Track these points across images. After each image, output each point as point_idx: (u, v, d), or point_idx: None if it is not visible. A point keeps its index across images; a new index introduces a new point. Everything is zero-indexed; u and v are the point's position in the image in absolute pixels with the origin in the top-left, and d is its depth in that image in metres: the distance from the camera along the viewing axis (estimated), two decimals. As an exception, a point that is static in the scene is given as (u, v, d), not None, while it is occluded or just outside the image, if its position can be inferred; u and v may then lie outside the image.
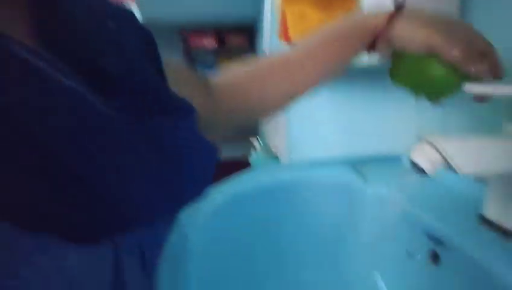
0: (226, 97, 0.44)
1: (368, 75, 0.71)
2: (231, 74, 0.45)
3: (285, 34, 0.94)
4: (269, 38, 1.73)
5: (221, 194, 0.43)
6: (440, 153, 0.27)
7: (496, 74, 0.33)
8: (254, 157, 1.96)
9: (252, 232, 0.43)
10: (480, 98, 0.32)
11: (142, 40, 0.35)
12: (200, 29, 2.80)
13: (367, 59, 0.50)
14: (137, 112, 0.27)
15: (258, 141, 2.10)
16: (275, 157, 1.93)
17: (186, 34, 2.83)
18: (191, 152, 0.32)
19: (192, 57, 3.14)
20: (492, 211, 0.32)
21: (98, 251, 0.25)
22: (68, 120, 0.22)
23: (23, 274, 0.20)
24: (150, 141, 0.27)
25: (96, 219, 0.24)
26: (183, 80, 0.41)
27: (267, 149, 2.04)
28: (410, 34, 0.35)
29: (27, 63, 0.21)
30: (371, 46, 0.39)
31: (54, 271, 0.22)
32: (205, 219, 0.37)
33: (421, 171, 0.28)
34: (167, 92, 0.34)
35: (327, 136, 1.04)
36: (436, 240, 0.34)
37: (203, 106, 0.42)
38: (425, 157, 0.26)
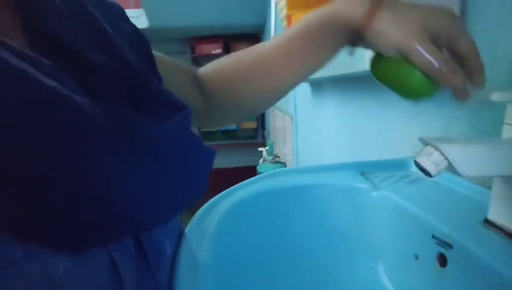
0: (215, 91, 0.43)
1: (373, 81, 0.72)
2: (219, 68, 0.44)
3: (291, 41, 0.96)
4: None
5: (229, 199, 0.44)
6: (444, 156, 0.27)
7: (475, 82, 0.31)
8: (262, 166, 1.96)
9: (261, 235, 0.44)
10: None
11: (133, 38, 0.33)
12: (207, 37, 2.84)
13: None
14: (126, 109, 0.25)
15: (266, 150, 2.12)
16: (283, 166, 1.94)
17: (193, 41, 2.87)
18: (185, 154, 0.30)
19: (199, 63, 3.17)
20: (496, 214, 0.33)
21: (92, 258, 0.24)
22: (51, 122, 0.21)
23: (12, 283, 0.20)
24: (140, 142, 0.25)
25: (87, 226, 0.23)
26: (171, 72, 0.40)
27: (274, 158, 2.06)
28: (384, 36, 0.31)
29: (7, 64, 0.20)
30: (353, 41, 0.35)
31: (44, 280, 0.21)
32: (214, 225, 0.38)
33: (425, 173, 0.28)
34: (159, 89, 0.32)
35: (333, 144, 1.05)
36: (443, 243, 0.35)
37: (192, 99, 0.42)
38: (429, 159, 0.27)
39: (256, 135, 3.29)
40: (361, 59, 0.57)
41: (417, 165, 0.29)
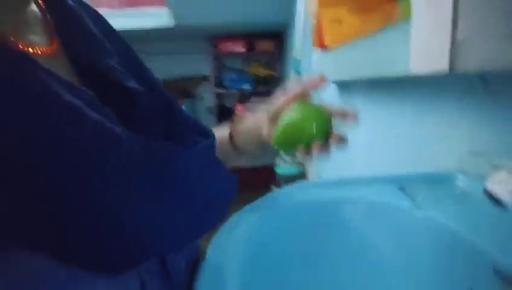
0: None
1: (412, 85, 0.66)
2: None
3: (319, 41, 0.91)
4: (301, 44, 1.70)
5: (254, 212, 0.40)
6: (522, 183, 0.22)
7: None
8: (281, 168, 1.92)
9: (287, 254, 0.40)
10: None
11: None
12: (231, 35, 2.81)
13: (412, 69, 0.46)
14: (158, 140, 0.28)
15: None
16: (301, 167, 1.88)
17: (217, 39, 2.85)
18: (209, 181, 0.32)
19: (221, 61, 3.16)
20: None
21: (125, 279, 0.26)
22: (95, 154, 0.23)
23: None
24: (170, 174, 0.27)
25: (121, 250, 0.25)
26: None
27: (292, 159, 2.00)
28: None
29: (57, 97, 0.21)
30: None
31: None
32: (238, 242, 0.35)
33: (497, 201, 0.23)
34: (188, 117, 0.35)
35: (365, 152, 0.99)
36: (505, 277, 0.29)
37: None
38: (506, 188, 0.22)
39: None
40: (402, 59, 0.52)
41: (486, 193, 0.24)
